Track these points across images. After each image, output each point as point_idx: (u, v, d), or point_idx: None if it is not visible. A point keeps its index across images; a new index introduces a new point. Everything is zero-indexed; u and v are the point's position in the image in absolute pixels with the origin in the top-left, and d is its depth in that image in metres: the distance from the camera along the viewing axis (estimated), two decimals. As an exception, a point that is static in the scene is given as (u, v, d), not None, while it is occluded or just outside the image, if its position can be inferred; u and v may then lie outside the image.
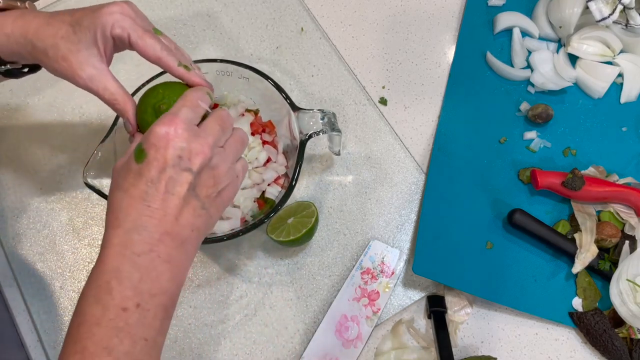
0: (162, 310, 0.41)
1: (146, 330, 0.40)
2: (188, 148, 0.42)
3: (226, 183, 0.46)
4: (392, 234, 0.72)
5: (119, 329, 0.38)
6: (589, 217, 0.70)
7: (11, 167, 0.73)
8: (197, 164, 0.43)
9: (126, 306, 0.39)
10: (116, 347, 0.38)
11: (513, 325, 0.69)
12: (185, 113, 0.44)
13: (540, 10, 0.82)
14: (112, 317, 0.39)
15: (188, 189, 0.42)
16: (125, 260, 0.40)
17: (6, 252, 0.69)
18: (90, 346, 0.38)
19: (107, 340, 0.38)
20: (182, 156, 0.42)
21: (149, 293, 0.40)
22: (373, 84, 0.80)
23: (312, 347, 0.66)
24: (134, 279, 0.40)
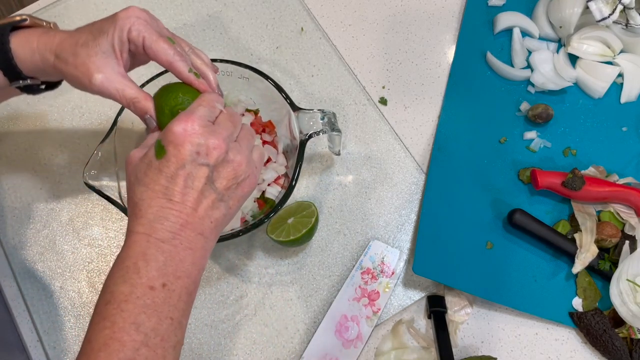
0: (186, 293, 0.43)
1: (171, 310, 0.42)
2: (205, 144, 0.45)
3: (246, 175, 0.48)
4: (392, 234, 0.72)
5: (146, 306, 0.41)
6: (589, 217, 0.70)
7: (11, 167, 0.73)
8: (214, 158, 0.45)
9: (153, 285, 0.41)
10: (144, 322, 0.40)
11: (513, 325, 0.69)
12: (202, 111, 0.47)
13: (540, 10, 0.82)
14: (139, 295, 0.41)
15: (206, 182, 0.45)
16: (151, 245, 0.43)
17: (6, 252, 0.69)
18: (119, 321, 0.40)
19: (135, 316, 0.40)
20: (199, 152, 0.45)
21: (174, 275, 0.42)
22: (373, 84, 0.80)
23: (312, 347, 0.66)
24: (159, 261, 0.42)
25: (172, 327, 0.42)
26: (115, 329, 0.40)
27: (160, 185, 0.44)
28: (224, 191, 0.46)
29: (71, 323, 0.67)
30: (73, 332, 0.67)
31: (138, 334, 0.40)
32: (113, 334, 0.40)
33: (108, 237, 0.71)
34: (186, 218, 0.44)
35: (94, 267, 0.69)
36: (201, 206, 0.45)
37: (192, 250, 0.44)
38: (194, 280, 0.44)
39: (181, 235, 0.44)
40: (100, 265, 0.69)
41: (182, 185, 0.44)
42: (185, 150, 0.44)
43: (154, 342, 0.40)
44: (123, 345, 0.39)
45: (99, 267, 0.69)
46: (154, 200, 0.44)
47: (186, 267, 0.43)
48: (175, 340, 0.42)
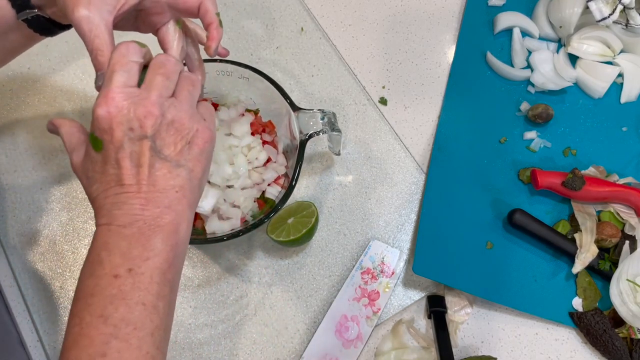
0: (159, 274, 0.40)
1: (142, 295, 0.39)
2: (134, 117, 0.41)
3: (193, 131, 0.44)
4: (392, 234, 0.72)
5: (112, 296, 0.39)
6: (589, 217, 0.70)
7: (11, 167, 0.73)
8: (150, 127, 0.41)
9: (117, 273, 0.39)
10: (111, 314, 0.38)
11: (513, 325, 0.69)
12: (117, 79, 0.42)
13: (540, 10, 0.82)
14: (104, 286, 0.39)
15: (152, 154, 0.42)
16: (112, 234, 0.40)
17: (6, 252, 0.69)
18: (87, 316, 0.38)
19: (101, 308, 0.38)
20: (132, 127, 0.41)
21: (141, 257, 0.40)
22: (373, 84, 0.80)
23: (312, 347, 0.66)
24: (122, 247, 0.40)
25: (145, 313, 0.39)
26: (83, 325, 0.38)
27: (109, 174, 0.42)
28: (177, 156, 0.43)
29: (71, 323, 0.67)
30: (73, 332, 0.66)
31: (106, 327, 0.38)
32: (81, 330, 0.38)
33: (108, 237, 0.71)
34: (145, 196, 0.41)
35: (94, 267, 0.69)
36: (158, 179, 0.42)
37: (160, 227, 0.41)
38: (167, 258, 0.41)
39: (144, 214, 0.41)
40: (100, 265, 0.69)
41: (128, 166, 0.41)
42: (116, 132, 0.41)
43: (125, 333, 0.38)
44: (92, 341, 0.38)
45: (99, 267, 0.69)
46: (108, 190, 0.42)
47: (155, 246, 0.40)
48: (152, 327, 0.39)
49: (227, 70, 0.66)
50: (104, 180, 0.42)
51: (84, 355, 0.37)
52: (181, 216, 0.43)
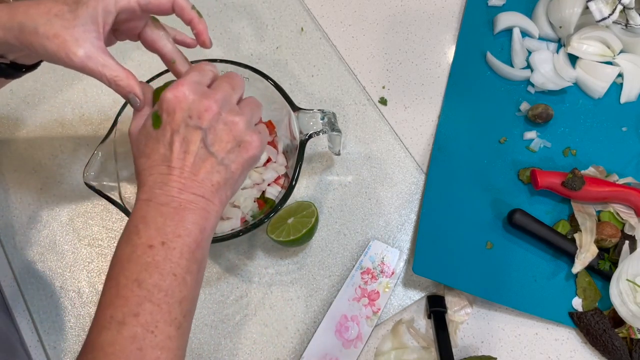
0: (188, 251, 0.44)
1: (173, 267, 0.43)
2: (196, 107, 0.45)
3: (247, 137, 0.47)
4: (392, 234, 0.72)
5: (147, 264, 0.42)
6: (589, 217, 0.70)
7: (11, 167, 0.73)
8: (207, 120, 0.45)
9: (152, 244, 0.43)
10: (145, 279, 0.42)
11: (513, 325, 0.69)
12: (192, 76, 0.47)
13: (540, 10, 0.82)
14: (140, 254, 0.42)
15: (201, 146, 0.45)
16: (150, 209, 0.44)
17: (6, 252, 0.69)
18: (122, 279, 0.42)
19: (137, 273, 0.42)
20: (191, 115, 0.45)
21: (174, 233, 0.43)
22: (373, 84, 0.80)
23: (312, 347, 0.66)
24: (158, 222, 0.44)
25: (175, 283, 0.42)
26: (119, 287, 0.42)
27: (159, 153, 0.45)
28: (223, 154, 0.46)
29: (71, 323, 0.67)
30: (73, 332, 0.67)
31: (141, 290, 0.41)
32: (118, 292, 0.42)
33: (108, 237, 0.71)
34: (184, 182, 0.45)
35: (94, 267, 0.69)
36: (199, 169, 0.45)
37: (192, 211, 0.45)
38: (196, 238, 0.44)
39: (180, 197, 0.44)
40: (101, 265, 0.69)
41: (178, 150, 0.45)
42: (177, 115, 0.45)
43: (158, 297, 0.41)
44: (127, 301, 0.41)
45: (99, 267, 0.69)
46: (154, 168, 0.45)
47: (186, 226, 0.44)
48: (181, 296, 0.43)
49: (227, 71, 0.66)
50: (153, 157, 0.46)
51: (119, 313, 0.41)
52: (211, 207, 0.46)
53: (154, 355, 0.40)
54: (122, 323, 0.40)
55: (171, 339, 0.42)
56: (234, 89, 0.49)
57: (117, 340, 0.40)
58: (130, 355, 0.40)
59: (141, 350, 0.40)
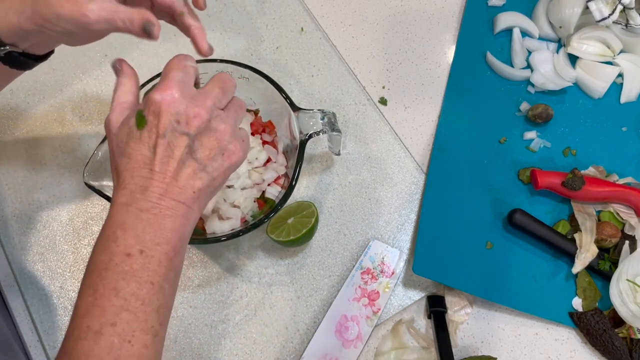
0: (166, 259, 0.44)
1: (151, 275, 0.43)
2: (185, 112, 0.44)
3: (230, 145, 0.47)
4: (392, 234, 0.72)
5: (124, 272, 0.42)
6: (589, 217, 0.70)
7: (11, 167, 0.73)
8: (195, 127, 0.45)
9: (130, 252, 0.42)
10: (123, 288, 0.41)
11: (513, 325, 0.69)
12: (175, 75, 0.46)
13: (540, 10, 0.82)
14: (117, 262, 0.42)
15: (186, 152, 0.45)
16: (130, 215, 0.43)
17: (6, 252, 0.69)
18: (100, 288, 0.41)
19: (114, 282, 0.41)
20: (179, 121, 0.44)
21: (152, 241, 0.43)
22: (373, 84, 0.80)
23: (312, 347, 0.66)
24: (137, 229, 0.43)
25: (153, 291, 0.42)
26: (96, 296, 0.41)
27: (142, 155, 0.44)
28: (207, 161, 0.46)
29: (71, 323, 0.67)
30: (73, 332, 0.66)
31: (118, 299, 0.41)
32: (95, 301, 0.41)
33: (108, 237, 0.71)
34: (166, 187, 0.44)
35: (94, 267, 0.69)
36: (182, 175, 0.45)
37: (172, 218, 0.44)
38: (174, 246, 0.44)
39: (161, 204, 0.44)
40: (100, 265, 0.69)
41: (162, 154, 0.44)
42: (164, 119, 0.44)
43: (135, 307, 0.41)
44: (104, 311, 0.41)
45: (99, 267, 0.69)
46: (136, 170, 0.44)
47: (165, 234, 0.44)
48: (158, 304, 0.43)
49: (227, 70, 0.66)
50: (135, 158, 0.45)
51: (95, 323, 0.40)
52: (191, 214, 0.46)
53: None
54: (99, 333, 0.40)
55: (148, 347, 0.42)
56: (225, 94, 0.48)
57: (94, 350, 0.40)
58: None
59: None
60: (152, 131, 0.44)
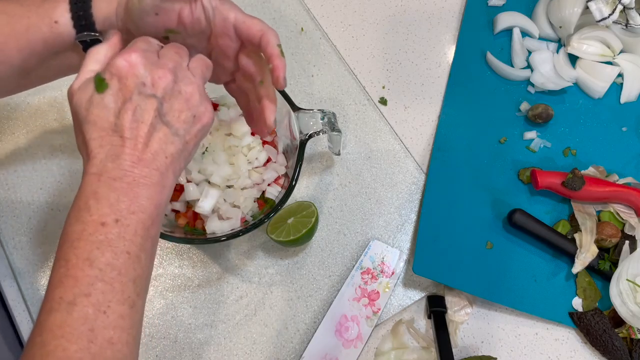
0: (142, 228, 0.42)
1: (127, 244, 0.41)
2: (149, 75, 0.43)
3: (201, 107, 0.46)
4: (392, 234, 0.72)
5: (99, 242, 0.40)
6: (589, 217, 0.70)
7: (11, 167, 0.73)
8: (161, 88, 0.43)
9: (105, 221, 0.41)
10: (97, 258, 0.40)
11: (513, 325, 0.69)
12: (140, 45, 0.45)
13: (540, 10, 0.82)
14: (91, 232, 0.40)
15: (155, 115, 0.43)
16: (102, 184, 0.42)
17: (6, 251, 0.69)
18: (73, 258, 0.40)
19: (88, 252, 0.40)
20: (145, 83, 0.43)
21: (128, 210, 0.41)
22: (373, 84, 0.80)
23: (312, 347, 0.66)
24: (111, 198, 0.41)
25: (129, 262, 0.41)
26: (69, 266, 0.40)
27: (108, 122, 0.42)
28: (178, 124, 0.44)
29: (71, 323, 0.67)
30: (73, 332, 0.66)
31: (92, 270, 0.40)
32: (67, 272, 0.40)
33: (108, 237, 0.71)
34: (139, 155, 0.42)
35: (94, 267, 0.69)
36: (153, 141, 0.43)
37: (146, 186, 0.43)
38: (151, 215, 0.43)
39: (134, 172, 0.42)
40: (100, 265, 0.69)
41: (130, 119, 0.42)
42: (130, 81, 0.42)
43: (110, 277, 0.40)
44: (77, 281, 0.39)
45: (99, 267, 0.69)
46: (105, 138, 0.42)
47: (141, 202, 0.42)
48: (135, 275, 0.41)
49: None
50: (102, 125, 0.42)
51: (68, 294, 0.39)
52: (166, 180, 0.44)
53: (107, 336, 0.39)
54: (72, 304, 0.39)
55: (124, 318, 0.40)
56: (182, 57, 0.46)
57: (66, 321, 0.38)
58: (81, 337, 0.38)
59: (93, 331, 0.39)
60: (117, 95, 0.43)
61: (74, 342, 0.38)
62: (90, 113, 0.43)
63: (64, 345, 0.38)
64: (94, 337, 0.38)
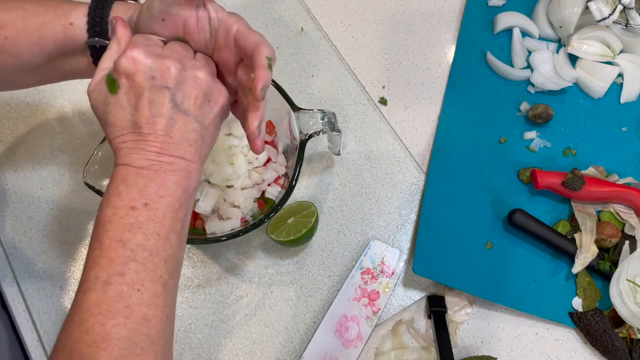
0: (171, 210, 0.44)
1: (157, 226, 0.43)
2: (157, 67, 0.44)
3: (214, 90, 0.47)
4: (392, 234, 0.72)
5: (130, 225, 0.42)
6: (589, 217, 0.70)
7: (11, 167, 0.73)
8: (172, 78, 0.44)
9: (134, 205, 0.43)
10: (129, 240, 0.42)
11: (513, 325, 0.69)
12: (138, 40, 0.45)
13: (540, 10, 0.82)
14: (122, 215, 0.42)
15: (171, 106, 0.44)
16: (130, 172, 0.44)
17: (6, 252, 0.69)
18: (106, 240, 0.42)
19: (120, 234, 0.42)
20: (154, 76, 0.43)
21: (156, 194, 0.43)
22: (373, 84, 0.80)
23: (312, 347, 0.66)
24: (139, 184, 0.43)
25: (160, 242, 0.43)
26: (102, 248, 0.42)
27: (126, 121, 0.44)
28: (195, 111, 0.45)
29: (71, 323, 0.67)
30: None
31: (125, 250, 0.41)
32: (101, 253, 0.42)
33: (108, 237, 0.71)
34: (161, 145, 0.44)
35: (94, 267, 0.69)
36: (173, 131, 0.44)
37: (172, 172, 0.44)
38: (178, 198, 0.44)
39: (160, 160, 0.44)
40: (100, 265, 0.69)
41: (147, 115, 0.43)
42: (139, 77, 0.43)
43: (142, 257, 0.42)
44: (111, 261, 0.41)
45: (99, 267, 0.69)
46: (126, 135, 0.44)
47: (168, 187, 0.44)
48: (166, 255, 0.43)
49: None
50: (121, 125, 0.44)
51: (103, 274, 0.41)
52: (192, 166, 0.46)
53: (142, 312, 0.41)
54: (107, 283, 0.41)
55: (157, 296, 0.42)
56: (187, 50, 0.47)
57: (102, 299, 0.40)
58: (117, 313, 0.40)
59: (128, 308, 0.40)
60: (129, 93, 0.44)
61: (111, 317, 0.40)
62: (108, 115, 0.45)
63: (101, 322, 0.39)
64: (129, 314, 0.40)
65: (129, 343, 0.40)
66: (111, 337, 0.39)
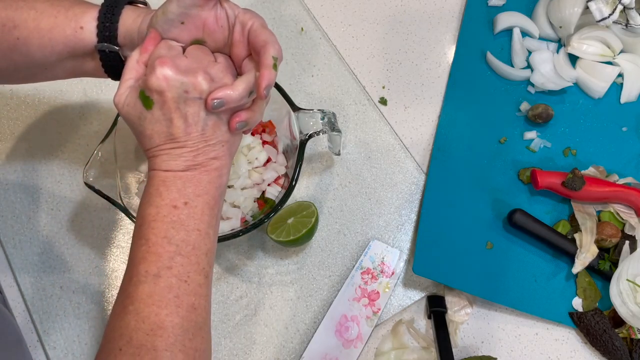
0: (208, 207, 0.48)
1: (197, 223, 0.47)
2: (188, 81, 0.45)
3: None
4: (392, 234, 0.72)
5: (173, 222, 0.46)
6: (589, 217, 0.70)
7: (11, 167, 0.73)
8: (204, 89, 0.46)
9: (175, 204, 0.46)
10: (173, 236, 0.45)
11: (513, 325, 0.69)
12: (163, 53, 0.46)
13: (540, 10, 0.82)
14: (165, 214, 0.46)
15: (206, 114, 0.47)
16: (168, 175, 0.47)
17: (6, 252, 0.69)
18: (152, 237, 0.45)
19: (164, 231, 0.45)
20: (187, 90, 0.45)
21: (194, 194, 0.47)
22: (373, 84, 0.80)
23: (312, 347, 0.66)
24: (178, 184, 0.47)
25: (200, 237, 0.46)
26: (149, 244, 0.45)
27: (162, 133, 0.46)
28: (225, 113, 0.48)
29: (71, 323, 0.67)
30: (73, 332, 0.67)
31: (170, 246, 0.45)
32: (149, 249, 0.45)
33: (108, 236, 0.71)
34: (196, 149, 0.47)
35: (95, 266, 0.69)
36: (206, 134, 0.47)
37: (207, 172, 0.48)
38: (214, 196, 0.48)
39: (196, 161, 0.47)
40: (101, 265, 0.69)
41: (182, 126, 0.46)
42: (171, 94, 0.45)
43: (187, 251, 0.45)
44: (159, 256, 0.45)
45: (100, 267, 0.69)
46: (163, 145, 0.47)
47: (204, 186, 0.47)
48: (206, 248, 0.47)
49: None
50: (156, 137, 0.47)
51: (153, 267, 0.44)
52: (224, 164, 0.49)
53: (190, 302, 0.44)
54: (157, 276, 0.44)
55: (201, 286, 0.46)
56: (207, 54, 0.49)
57: (155, 291, 0.44)
58: (169, 303, 0.43)
59: (178, 298, 0.44)
60: (164, 108, 0.46)
61: (164, 307, 0.43)
62: (145, 129, 0.47)
63: (155, 311, 0.43)
64: (180, 303, 0.44)
65: (182, 330, 0.43)
66: (166, 325, 0.43)
